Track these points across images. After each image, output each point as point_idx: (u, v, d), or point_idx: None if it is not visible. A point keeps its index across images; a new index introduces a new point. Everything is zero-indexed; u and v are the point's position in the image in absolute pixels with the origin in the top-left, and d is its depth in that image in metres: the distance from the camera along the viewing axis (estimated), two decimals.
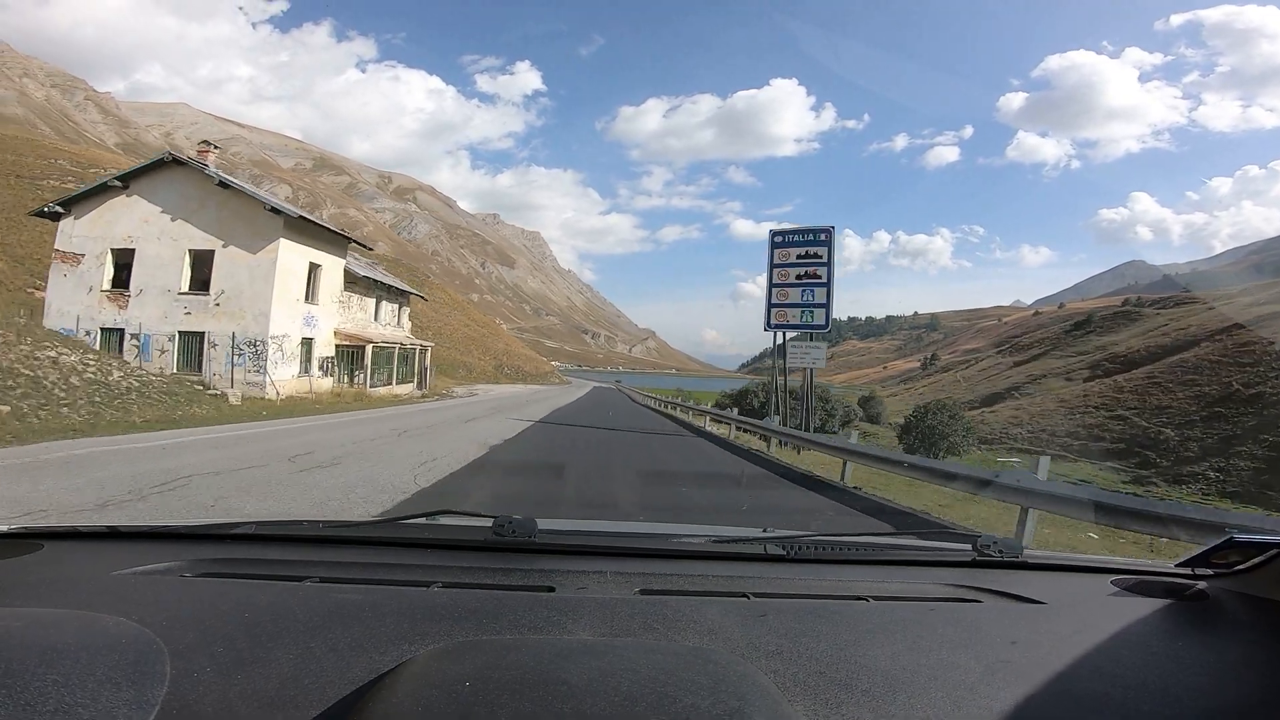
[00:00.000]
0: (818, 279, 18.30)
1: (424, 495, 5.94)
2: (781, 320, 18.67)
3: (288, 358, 18.96)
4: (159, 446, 8.23)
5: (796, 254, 18.62)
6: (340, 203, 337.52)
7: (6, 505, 4.68)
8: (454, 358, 65.71)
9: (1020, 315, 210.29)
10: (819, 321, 18.42)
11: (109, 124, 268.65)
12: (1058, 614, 1.01)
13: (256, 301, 18.06)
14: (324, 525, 1.32)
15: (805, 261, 18.42)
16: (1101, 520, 4.92)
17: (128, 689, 0.64)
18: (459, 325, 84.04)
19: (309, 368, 20.50)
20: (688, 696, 0.63)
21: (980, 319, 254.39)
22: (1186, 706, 0.74)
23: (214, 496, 5.38)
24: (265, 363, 17.88)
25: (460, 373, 57.84)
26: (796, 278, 18.53)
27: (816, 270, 18.32)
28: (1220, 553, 1.03)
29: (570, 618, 0.89)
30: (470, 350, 74.96)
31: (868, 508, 7.10)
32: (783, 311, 18.63)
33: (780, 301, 18.69)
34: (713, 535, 1.39)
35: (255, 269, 18.18)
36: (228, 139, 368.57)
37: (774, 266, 18.86)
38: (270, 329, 18.02)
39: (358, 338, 23.01)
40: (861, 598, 1.06)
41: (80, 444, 8.01)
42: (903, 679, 0.76)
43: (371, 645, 0.77)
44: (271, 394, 17.73)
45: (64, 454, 7.16)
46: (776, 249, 18.95)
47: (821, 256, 18.34)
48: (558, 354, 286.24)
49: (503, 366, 75.80)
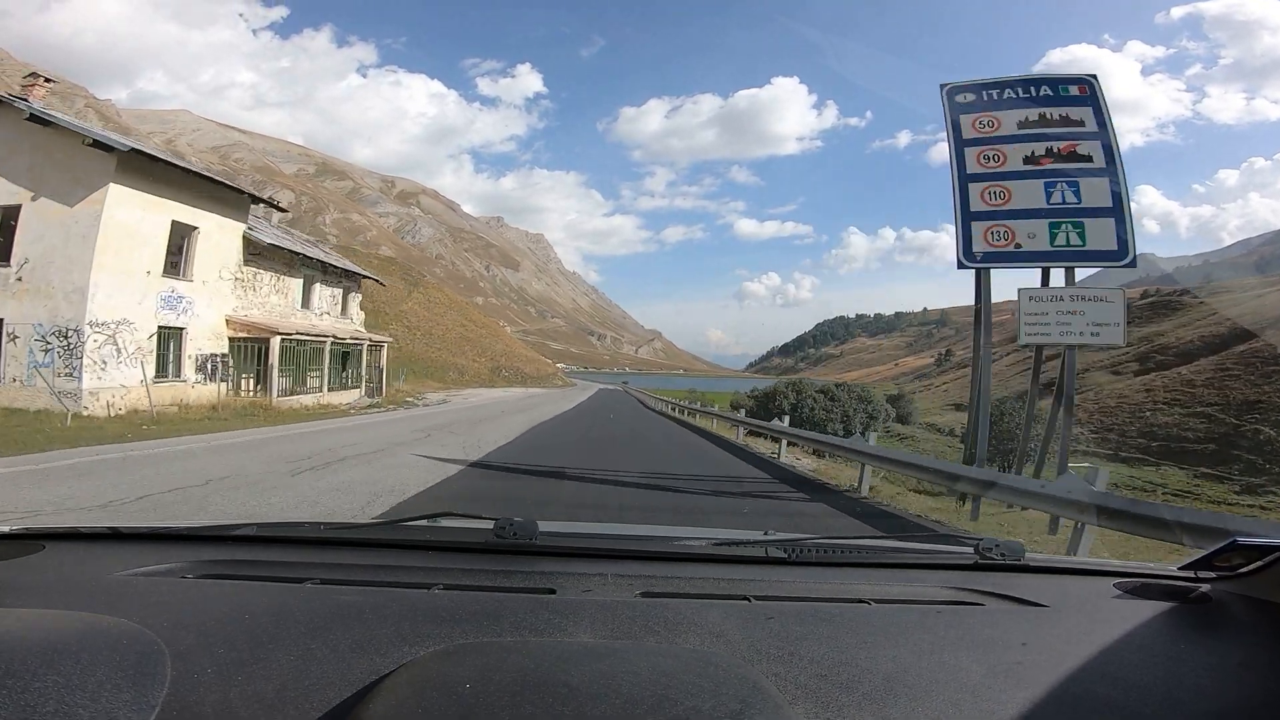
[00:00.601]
0: (1081, 163, 8.08)
1: None
2: (1004, 243, 8.20)
3: (128, 355, 13.24)
4: None
5: (1019, 120, 8.51)
6: (343, 207, 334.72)
7: None
8: (445, 359, 61.41)
9: None
10: (1099, 244, 7.80)
11: (109, 130, 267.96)
12: (1060, 617, 1.01)
13: (70, 273, 12.36)
14: (324, 527, 1.32)
15: (1044, 132, 8.36)
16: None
17: (128, 690, 0.64)
18: (453, 325, 78.99)
19: (178, 369, 14.75)
20: (689, 699, 0.63)
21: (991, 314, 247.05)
22: (1190, 710, 0.74)
23: None
24: (80, 361, 12.14)
25: (451, 375, 54.44)
26: (1026, 161, 8.29)
27: (1074, 145, 8.18)
28: (1223, 555, 1.02)
29: (571, 620, 0.89)
30: (464, 351, 70.75)
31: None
32: (1004, 228, 8.21)
33: (992, 208, 8.31)
34: (714, 538, 1.36)
35: (71, 228, 12.49)
36: (230, 145, 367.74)
37: (965, 144, 8.61)
38: (89, 312, 12.36)
39: (264, 328, 17.25)
40: (863, 601, 1.06)
41: None
42: (904, 682, 0.76)
43: (372, 647, 0.78)
44: (93, 407, 11.98)
45: None
46: (969, 113, 8.70)
47: (1082, 124, 8.24)
48: (563, 356, 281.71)
49: (500, 369, 70.72)
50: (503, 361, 75.77)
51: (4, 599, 0.89)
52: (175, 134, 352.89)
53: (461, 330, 79.07)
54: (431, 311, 74.88)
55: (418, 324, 65.96)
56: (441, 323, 74.60)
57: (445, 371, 53.81)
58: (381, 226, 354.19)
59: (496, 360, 74.20)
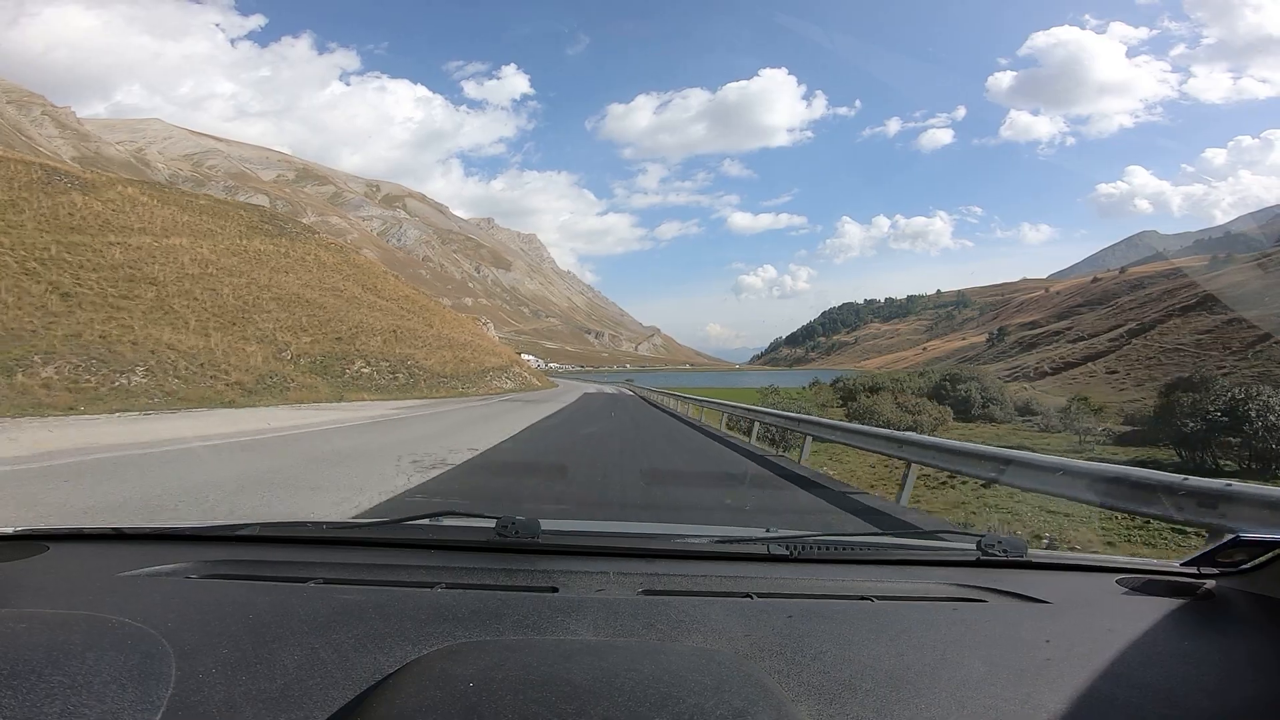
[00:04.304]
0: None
1: None
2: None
3: None
4: None
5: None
6: (322, 211, 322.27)
7: None
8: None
9: (1065, 285, 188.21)
10: None
11: (66, 138, 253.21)
12: (1063, 613, 1.02)
13: None
14: (328, 527, 1.32)
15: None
16: None
17: (133, 689, 0.65)
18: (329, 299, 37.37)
19: None
20: (691, 697, 0.63)
21: (1011, 293, 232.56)
22: (1194, 706, 0.74)
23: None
24: None
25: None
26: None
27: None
28: (1226, 551, 1.02)
29: (574, 618, 0.89)
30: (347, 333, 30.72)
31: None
32: None
33: None
34: (716, 535, 1.37)
35: None
36: (203, 152, 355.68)
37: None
38: None
39: None
40: (865, 598, 1.06)
41: None
42: (907, 679, 0.76)
43: (375, 646, 0.78)
44: None
45: None
46: None
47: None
48: (558, 355, 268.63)
49: (401, 362, 29.10)
50: (421, 352, 32.32)
51: (9, 599, 0.90)
52: (146, 142, 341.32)
53: (343, 305, 35.64)
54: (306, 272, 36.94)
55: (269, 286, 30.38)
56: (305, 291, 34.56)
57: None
58: (364, 229, 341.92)
59: (411, 347, 32.25)
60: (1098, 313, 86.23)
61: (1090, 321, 77.90)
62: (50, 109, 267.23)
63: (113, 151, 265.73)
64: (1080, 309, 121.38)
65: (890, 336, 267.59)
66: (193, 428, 10.29)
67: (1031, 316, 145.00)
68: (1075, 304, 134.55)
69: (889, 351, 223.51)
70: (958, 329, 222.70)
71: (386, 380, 27.16)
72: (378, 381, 26.50)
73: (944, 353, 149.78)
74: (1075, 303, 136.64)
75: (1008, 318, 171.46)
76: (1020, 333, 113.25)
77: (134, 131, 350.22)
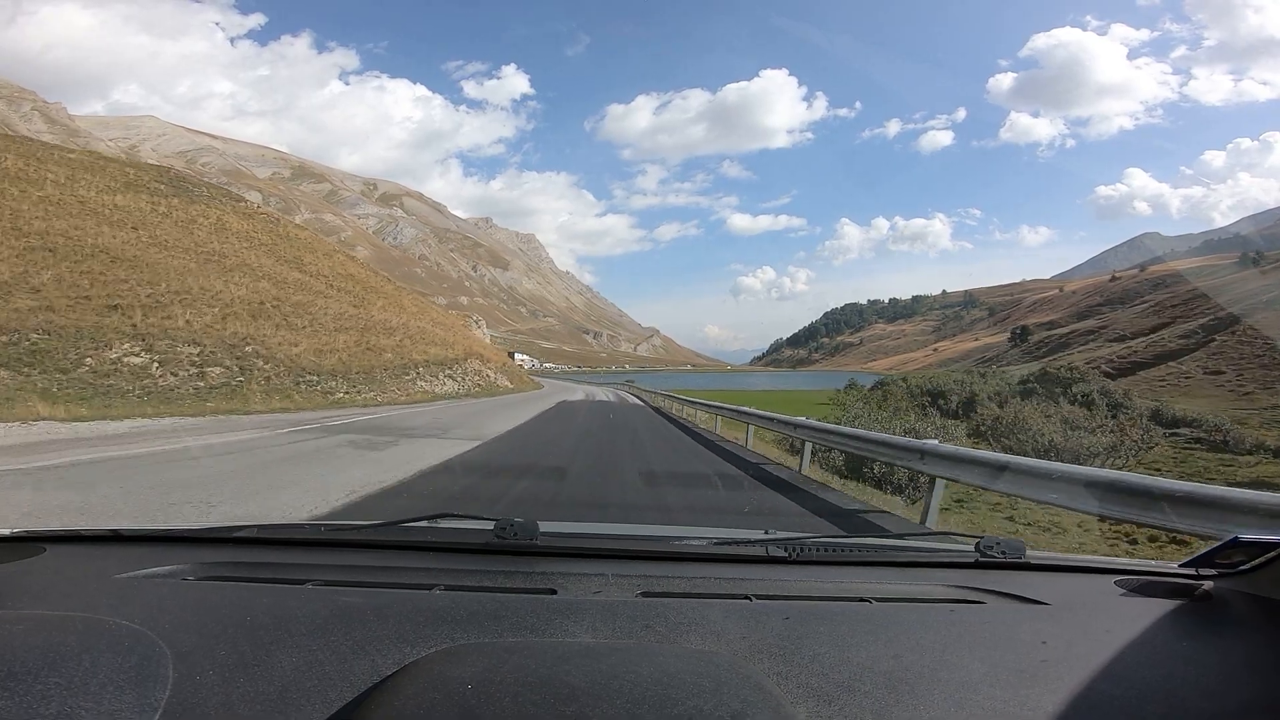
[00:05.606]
0: None
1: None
2: None
3: None
4: None
5: None
6: (316, 208, 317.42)
7: None
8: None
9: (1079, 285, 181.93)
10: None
11: (55, 133, 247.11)
12: (1062, 615, 1.02)
13: None
14: (325, 529, 1.33)
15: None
16: None
17: (130, 692, 0.65)
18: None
19: None
20: (690, 699, 0.64)
21: (1020, 293, 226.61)
22: (1193, 707, 0.74)
23: None
24: None
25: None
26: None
27: None
28: (1224, 552, 1.02)
29: (572, 620, 0.90)
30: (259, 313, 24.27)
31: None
32: None
33: None
34: (714, 537, 1.36)
35: None
36: (197, 150, 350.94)
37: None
38: None
39: None
40: (864, 599, 1.06)
41: None
42: (905, 680, 0.77)
43: (373, 648, 0.79)
44: None
45: None
46: None
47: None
48: (555, 355, 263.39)
49: (232, 347, 18.87)
50: (362, 343, 25.74)
51: (5, 601, 0.90)
52: (140, 139, 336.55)
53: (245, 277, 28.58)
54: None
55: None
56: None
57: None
58: (358, 227, 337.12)
59: (345, 336, 25.73)
60: (1134, 310, 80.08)
61: (1128, 320, 71.78)
62: (41, 105, 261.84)
63: (104, 148, 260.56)
64: (1101, 308, 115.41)
65: (896, 337, 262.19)
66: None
67: (1048, 316, 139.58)
68: (1095, 303, 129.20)
69: (896, 353, 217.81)
70: (967, 329, 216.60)
71: (181, 378, 16.50)
72: (158, 381, 15.96)
73: (957, 354, 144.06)
74: (1094, 302, 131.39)
75: (1020, 318, 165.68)
76: (1041, 333, 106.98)
77: (128, 129, 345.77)
